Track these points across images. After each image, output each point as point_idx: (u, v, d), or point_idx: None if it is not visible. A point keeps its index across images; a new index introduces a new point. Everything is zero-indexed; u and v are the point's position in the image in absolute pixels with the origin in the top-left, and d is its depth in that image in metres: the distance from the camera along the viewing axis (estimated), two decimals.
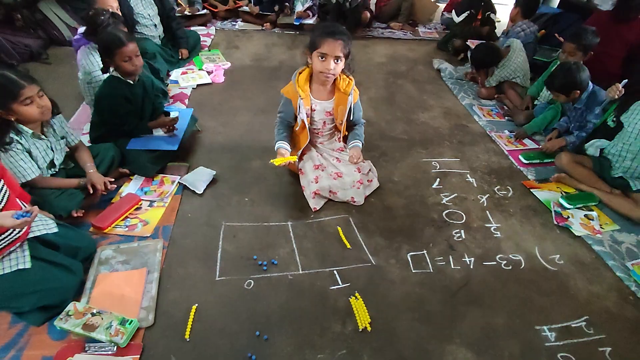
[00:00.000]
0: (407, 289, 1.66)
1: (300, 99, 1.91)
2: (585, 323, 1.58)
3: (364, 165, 2.11)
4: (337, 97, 1.95)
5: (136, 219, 1.87)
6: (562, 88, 2.37)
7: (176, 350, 1.38)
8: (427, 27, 4.91)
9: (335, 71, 1.81)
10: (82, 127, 2.48)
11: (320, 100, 1.97)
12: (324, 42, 1.74)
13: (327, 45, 1.74)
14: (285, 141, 2.00)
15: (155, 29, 3.21)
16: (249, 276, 1.66)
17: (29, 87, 1.55)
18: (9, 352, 1.33)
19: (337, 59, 1.77)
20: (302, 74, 1.92)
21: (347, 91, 1.91)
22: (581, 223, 2.03)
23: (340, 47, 1.75)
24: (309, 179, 2.01)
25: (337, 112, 1.99)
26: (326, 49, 1.74)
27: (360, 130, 2.09)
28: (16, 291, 1.37)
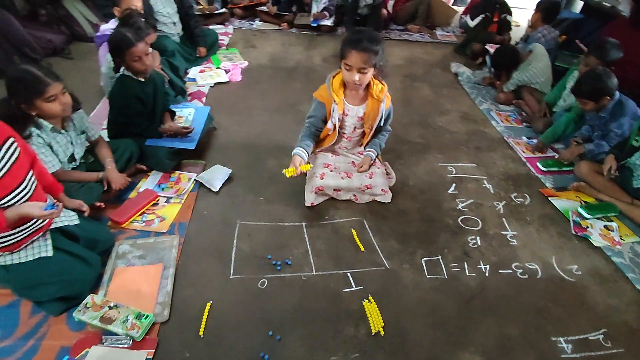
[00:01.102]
0: (421, 294, 1.65)
1: (335, 103, 1.88)
2: (603, 336, 1.55)
3: (378, 178, 2.03)
4: (370, 102, 1.92)
5: (153, 215, 1.89)
6: (591, 95, 2.28)
7: (190, 346, 1.40)
8: (445, 30, 4.86)
9: (361, 82, 1.78)
10: (102, 122, 2.51)
11: (353, 105, 1.95)
12: (349, 54, 1.71)
13: (351, 57, 1.71)
14: (304, 149, 1.93)
15: (174, 27, 3.24)
16: (263, 275, 1.67)
17: (54, 85, 1.58)
18: (29, 341, 1.36)
19: (362, 69, 1.74)
20: (336, 77, 1.89)
21: (380, 97, 1.88)
22: (600, 234, 1.99)
23: (364, 58, 1.70)
24: (315, 174, 2.00)
25: (367, 118, 1.97)
26: (350, 61, 1.72)
27: (382, 139, 2.08)
28: (36, 280, 1.40)
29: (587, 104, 2.33)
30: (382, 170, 2.08)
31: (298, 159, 1.89)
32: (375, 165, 2.08)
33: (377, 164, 2.09)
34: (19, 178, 1.35)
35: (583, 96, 2.32)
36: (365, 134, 2.06)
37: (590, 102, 2.32)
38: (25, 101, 1.58)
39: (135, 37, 1.96)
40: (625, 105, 2.31)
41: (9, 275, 1.38)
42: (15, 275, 1.38)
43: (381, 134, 2.08)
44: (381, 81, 1.91)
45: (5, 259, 1.37)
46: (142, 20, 2.37)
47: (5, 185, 1.30)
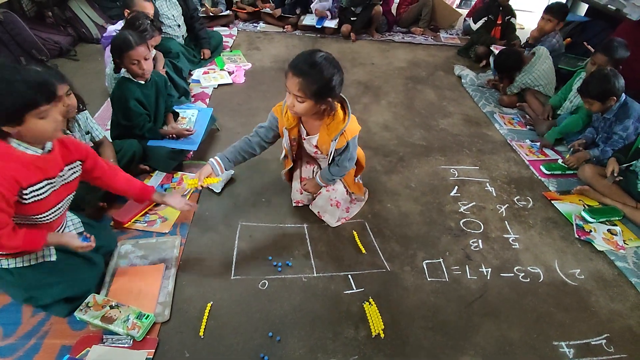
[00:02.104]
0: (422, 297, 1.64)
1: (285, 129, 1.70)
2: (606, 341, 1.53)
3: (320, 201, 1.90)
4: (321, 134, 1.67)
5: (155, 215, 1.90)
6: (599, 95, 2.26)
7: (190, 346, 1.40)
8: (448, 33, 4.86)
9: (297, 110, 1.51)
10: (106, 122, 2.53)
11: (309, 132, 1.74)
12: (287, 74, 1.47)
13: (287, 80, 1.47)
14: (223, 160, 1.70)
15: (178, 29, 3.27)
16: (263, 277, 1.67)
17: (59, 87, 1.60)
18: (30, 339, 1.37)
19: (297, 97, 1.47)
20: None
21: (332, 135, 1.61)
22: (604, 238, 1.97)
23: (297, 85, 1.44)
24: (295, 188, 2.00)
25: (321, 148, 1.73)
26: (287, 83, 1.48)
27: (338, 170, 1.76)
28: (42, 281, 1.40)
29: (594, 104, 2.32)
30: (329, 196, 1.87)
31: (207, 169, 1.66)
32: (326, 188, 1.87)
33: (329, 188, 1.87)
34: (60, 198, 1.37)
35: (590, 96, 2.30)
36: None
37: (597, 103, 2.30)
38: None
39: (136, 40, 1.97)
40: (630, 107, 2.29)
41: (14, 279, 1.38)
42: (20, 278, 1.38)
43: (337, 165, 1.76)
44: (346, 115, 1.62)
45: (8, 262, 1.37)
46: (148, 22, 2.40)
47: (48, 202, 1.32)
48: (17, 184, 1.20)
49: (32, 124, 1.18)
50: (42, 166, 1.28)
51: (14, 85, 1.12)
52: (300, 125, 1.74)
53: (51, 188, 1.31)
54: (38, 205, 1.29)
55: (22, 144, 1.23)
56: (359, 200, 2.08)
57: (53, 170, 1.32)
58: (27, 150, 1.24)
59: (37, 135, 1.23)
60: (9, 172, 1.19)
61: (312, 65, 1.43)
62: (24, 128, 1.18)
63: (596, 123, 2.48)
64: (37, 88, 1.16)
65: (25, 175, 1.22)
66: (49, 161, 1.30)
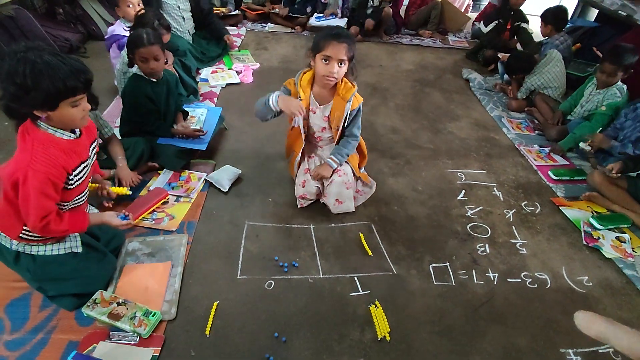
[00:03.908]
0: (428, 301, 1.64)
1: (300, 99, 1.83)
2: (613, 350, 1.52)
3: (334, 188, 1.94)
4: (336, 101, 1.86)
5: (163, 213, 1.91)
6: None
7: (196, 345, 1.40)
8: (457, 36, 4.85)
9: (338, 74, 1.76)
10: (115, 120, 2.55)
11: (320, 104, 1.90)
12: (328, 45, 1.70)
13: (331, 48, 1.69)
14: None
15: (183, 22, 3.25)
16: (269, 277, 1.67)
17: None
18: (38, 334, 1.38)
19: (340, 62, 1.73)
20: (306, 75, 1.86)
21: (346, 97, 1.82)
22: (612, 245, 1.96)
23: (344, 50, 1.70)
24: (298, 182, 2.00)
25: (333, 117, 1.89)
26: (330, 52, 1.70)
27: (347, 146, 1.93)
28: (58, 274, 1.42)
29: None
30: (343, 180, 1.92)
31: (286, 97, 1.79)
32: (337, 173, 1.93)
33: (339, 172, 1.93)
34: (89, 178, 1.43)
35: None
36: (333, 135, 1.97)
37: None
38: None
39: (150, 39, 1.98)
40: None
41: (34, 265, 1.39)
42: (40, 266, 1.39)
43: (347, 140, 1.94)
44: (352, 82, 1.86)
45: (38, 249, 1.38)
46: (156, 22, 2.41)
47: (84, 185, 1.38)
48: (64, 170, 1.25)
49: (64, 111, 1.20)
50: (78, 150, 1.32)
51: (58, 70, 1.13)
52: (311, 98, 1.89)
53: (86, 171, 1.36)
54: (78, 189, 1.34)
55: (58, 130, 1.26)
56: (368, 188, 2.10)
57: (85, 152, 1.36)
58: (63, 136, 1.27)
59: (66, 122, 1.25)
60: (58, 161, 1.23)
61: (346, 33, 1.76)
62: (55, 114, 1.20)
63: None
64: (78, 76, 1.17)
65: (68, 162, 1.27)
66: (80, 144, 1.33)
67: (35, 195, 1.21)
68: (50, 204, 1.26)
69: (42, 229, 1.28)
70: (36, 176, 1.19)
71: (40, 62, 1.12)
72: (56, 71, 1.13)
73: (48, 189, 1.23)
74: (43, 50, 1.14)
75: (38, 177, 1.20)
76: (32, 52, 1.12)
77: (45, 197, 1.23)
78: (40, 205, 1.23)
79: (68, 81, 1.15)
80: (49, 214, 1.27)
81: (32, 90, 1.12)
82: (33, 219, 1.25)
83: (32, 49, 1.13)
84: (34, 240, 1.37)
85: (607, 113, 2.50)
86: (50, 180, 1.22)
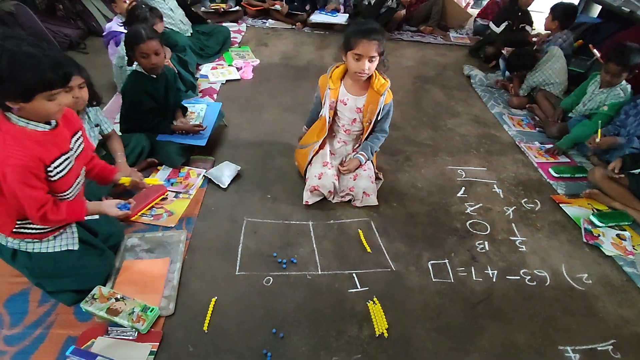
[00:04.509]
0: (427, 298, 1.63)
1: (329, 89, 1.90)
2: (612, 347, 1.51)
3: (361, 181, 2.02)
4: (370, 94, 1.92)
5: (162, 209, 1.91)
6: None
7: (194, 340, 1.40)
8: (458, 33, 4.82)
9: (369, 70, 1.81)
10: (115, 116, 2.54)
11: (353, 95, 1.95)
12: (359, 43, 1.73)
13: (362, 46, 1.73)
14: None
15: (172, 13, 3.20)
16: (268, 273, 1.67)
17: (74, 77, 1.61)
18: (37, 329, 1.38)
19: (371, 58, 1.77)
20: (337, 69, 1.93)
21: (381, 91, 1.89)
22: (612, 243, 1.95)
23: (375, 47, 1.74)
24: (314, 173, 1.99)
25: (366, 110, 1.96)
26: (361, 50, 1.74)
27: (376, 142, 2.05)
28: (56, 271, 1.42)
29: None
30: (368, 174, 2.03)
31: None
32: (362, 167, 2.03)
33: (364, 167, 2.03)
34: (77, 172, 1.39)
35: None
36: (364, 129, 2.04)
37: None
38: None
39: (148, 34, 1.98)
40: None
41: (30, 263, 1.39)
42: (37, 263, 1.40)
43: (376, 136, 2.05)
44: (384, 77, 1.91)
45: (33, 246, 1.39)
46: (148, 11, 2.43)
47: (70, 177, 1.34)
48: (41, 161, 1.21)
49: (39, 104, 1.15)
50: (55, 141, 1.27)
51: (37, 62, 1.08)
52: (342, 89, 1.94)
53: (69, 162, 1.33)
54: (63, 182, 1.30)
55: (31, 122, 1.21)
56: (379, 180, 2.14)
57: (64, 144, 1.32)
58: (36, 128, 1.22)
59: (39, 115, 1.20)
60: (33, 152, 1.19)
61: (378, 30, 1.75)
62: (28, 106, 1.15)
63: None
64: (57, 69, 1.12)
65: (44, 153, 1.22)
66: (58, 135, 1.29)
67: (20, 189, 1.19)
68: (38, 194, 1.23)
69: (41, 219, 1.27)
70: (15, 170, 1.16)
71: (19, 52, 1.06)
72: (35, 63, 1.08)
73: (30, 181, 1.19)
74: (22, 40, 1.08)
75: (17, 171, 1.16)
76: (10, 40, 1.07)
77: (31, 189, 1.20)
78: (29, 197, 1.21)
79: (47, 74, 1.10)
80: (45, 204, 1.25)
81: (7, 80, 1.07)
82: (29, 211, 1.24)
83: (11, 37, 1.07)
84: (28, 235, 1.36)
85: (609, 113, 2.48)
86: (29, 172, 1.18)
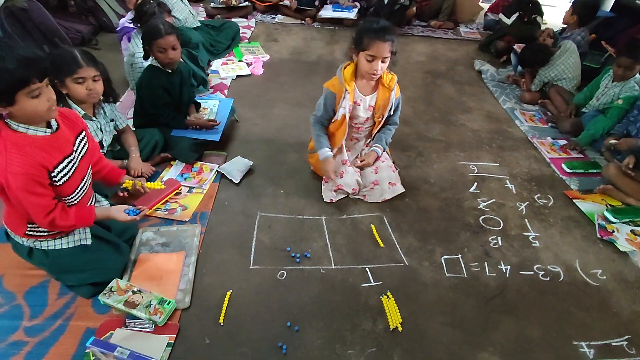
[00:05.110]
0: (440, 293, 1.64)
1: (347, 92, 1.88)
2: (627, 342, 1.51)
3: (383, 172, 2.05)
4: (381, 91, 1.93)
5: (176, 204, 1.93)
6: None
7: (210, 333, 1.42)
8: (469, 27, 4.77)
9: (382, 71, 1.81)
10: (127, 112, 2.56)
11: (364, 95, 1.95)
12: (373, 44, 1.71)
13: (376, 48, 1.71)
14: (329, 147, 1.99)
15: (181, 3, 3.22)
16: (282, 267, 1.68)
17: (85, 68, 1.63)
18: (57, 320, 1.41)
19: (384, 59, 1.76)
20: (347, 68, 1.90)
21: (391, 86, 1.90)
22: (627, 238, 1.94)
23: (388, 48, 1.73)
24: (336, 172, 2.00)
25: (378, 107, 1.97)
26: (375, 52, 1.72)
27: (388, 134, 2.08)
28: (72, 266, 1.45)
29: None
30: (388, 164, 2.07)
31: (332, 162, 1.95)
32: (380, 159, 2.07)
33: (382, 158, 2.08)
34: (83, 172, 1.40)
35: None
36: (375, 123, 2.05)
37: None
38: (58, 78, 1.63)
39: (166, 30, 1.99)
40: None
41: (47, 260, 1.42)
42: (53, 260, 1.43)
43: (387, 128, 2.08)
44: (390, 71, 1.91)
45: (47, 244, 1.41)
46: (155, 5, 2.44)
47: (75, 180, 1.34)
48: (43, 168, 1.20)
49: (24, 104, 1.12)
50: (57, 145, 1.26)
51: (2, 62, 1.05)
52: (356, 91, 1.93)
53: (73, 165, 1.33)
54: (68, 185, 1.31)
55: (30, 127, 1.19)
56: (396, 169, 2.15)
57: (67, 146, 1.31)
58: (37, 132, 1.21)
59: (31, 116, 1.17)
60: (35, 159, 1.18)
61: (389, 28, 1.73)
62: (16, 108, 1.12)
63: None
64: (26, 64, 1.08)
65: (47, 158, 1.21)
66: (60, 139, 1.28)
67: (25, 196, 1.18)
68: (44, 200, 1.23)
69: (49, 225, 1.28)
70: (17, 179, 1.15)
71: None
72: (1, 63, 1.05)
73: (34, 188, 1.19)
74: None
75: (19, 179, 1.15)
76: None
77: (36, 196, 1.20)
78: (34, 204, 1.21)
79: (16, 71, 1.06)
80: (53, 210, 1.26)
81: None
82: (36, 218, 1.25)
83: None
84: (41, 236, 1.39)
85: (624, 107, 2.45)
86: (32, 180, 1.17)
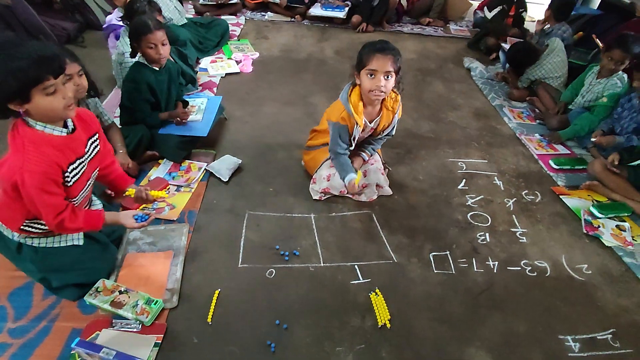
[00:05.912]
0: (428, 289, 1.65)
1: (357, 125, 1.83)
2: (612, 336, 1.53)
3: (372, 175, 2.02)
4: (385, 115, 1.91)
5: (163, 203, 1.91)
6: None
7: (198, 332, 1.41)
8: (458, 25, 4.79)
9: (386, 88, 1.71)
10: (114, 110, 2.54)
11: (369, 121, 1.91)
12: (373, 58, 1.66)
13: (376, 61, 1.66)
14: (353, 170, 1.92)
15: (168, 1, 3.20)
16: (270, 265, 1.68)
17: (70, 65, 1.61)
18: (41, 322, 1.39)
19: (387, 74, 1.68)
20: (353, 95, 1.81)
21: (395, 108, 1.89)
22: (612, 234, 1.96)
23: (390, 61, 1.67)
24: (322, 175, 2.00)
25: (379, 129, 1.96)
26: (375, 65, 1.67)
27: (379, 142, 2.07)
28: (61, 265, 1.43)
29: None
30: (377, 167, 2.03)
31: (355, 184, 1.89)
32: (369, 162, 2.04)
33: (371, 161, 2.04)
34: (89, 175, 1.39)
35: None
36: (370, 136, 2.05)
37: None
38: None
39: (155, 25, 1.97)
40: None
41: (37, 257, 1.40)
42: (43, 257, 1.40)
43: (381, 138, 2.05)
44: (395, 90, 1.86)
45: (39, 241, 1.39)
46: (146, 4, 2.41)
47: (81, 182, 1.34)
48: (59, 167, 1.21)
49: (40, 101, 1.12)
50: (72, 146, 1.27)
51: (17, 59, 1.05)
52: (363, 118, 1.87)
53: (83, 166, 1.33)
54: (77, 186, 1.31)
55: (48, 126, 1.20)
56: (386, 170, 2.16)
57: (81, 148, 1.32)
58: (53, 132, 1.22)
59: (47, 114, 1.17)
60: (52, 159, 1.19)
61: (391, 45, 1.69)
62: (32, 106, 1.13)
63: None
64: (41, 61, 1.08)
65: (62, 158, 1.22)
66: (75, 140, 1.29)
67: (38, 195, 1.18)
68: (56, 200, 1.24)
69: (58, 226, 1.27)
70: (33, 177, 1.15)
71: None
72: (16, 60, 1.05)
73: (49, 187, 1.20)
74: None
75: (35, 177, 1.16)
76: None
77: (49, 195, 1.21)
78: (47, 204, 1.21)
79: (30, 69, 1.06)
80: (63, 211, 1.25)
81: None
82: (46, 218, 1.24)
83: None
84: (35, 233, 1.37)
85: (609, 104, 2.49)
86: (48, 179, 1.18)
